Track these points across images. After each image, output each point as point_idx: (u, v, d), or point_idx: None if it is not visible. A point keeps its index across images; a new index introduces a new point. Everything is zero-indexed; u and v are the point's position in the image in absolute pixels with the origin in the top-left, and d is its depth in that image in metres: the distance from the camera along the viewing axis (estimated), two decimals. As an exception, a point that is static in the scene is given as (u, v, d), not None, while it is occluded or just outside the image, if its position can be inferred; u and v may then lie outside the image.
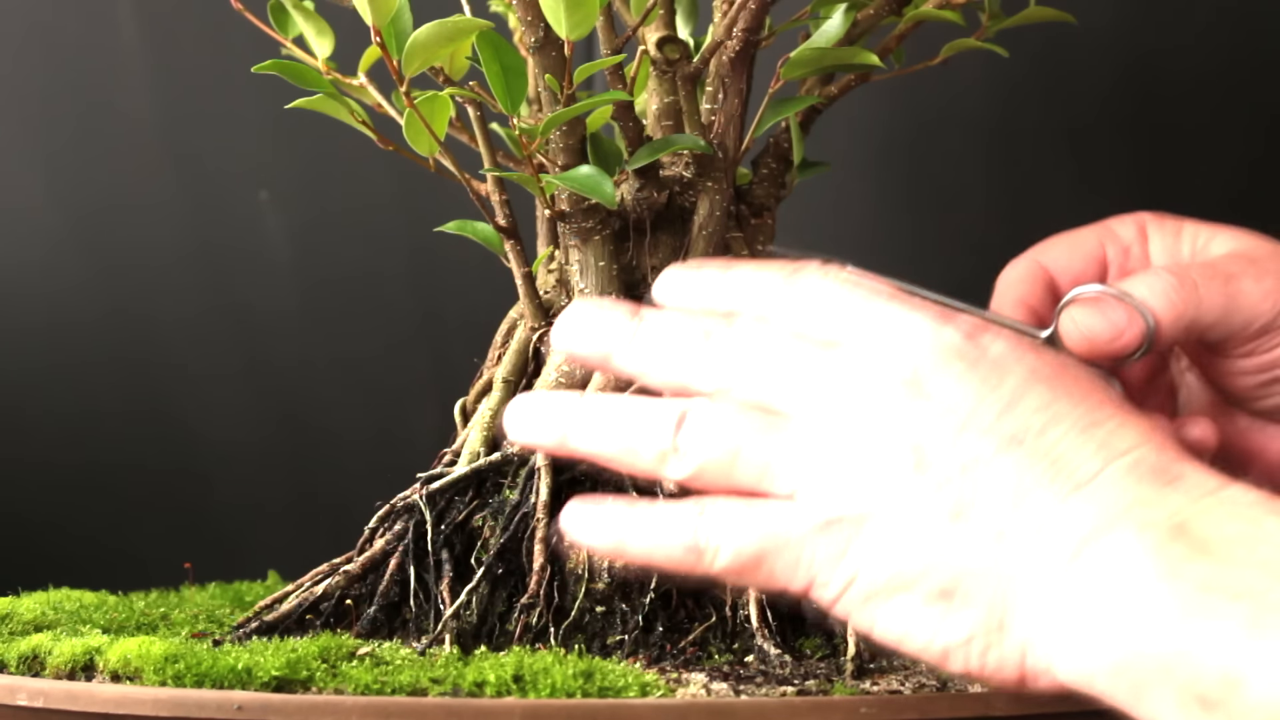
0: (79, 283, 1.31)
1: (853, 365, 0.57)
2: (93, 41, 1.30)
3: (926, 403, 0.56)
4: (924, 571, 0.54)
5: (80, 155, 1.30)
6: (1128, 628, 0.51)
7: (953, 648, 0.55)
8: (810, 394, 0.57)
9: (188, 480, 1.33)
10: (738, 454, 0.57)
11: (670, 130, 0.82)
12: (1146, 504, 0.53)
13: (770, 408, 0.57)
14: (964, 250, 1.28)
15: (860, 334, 0.58)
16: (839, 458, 0.56)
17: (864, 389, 0.56)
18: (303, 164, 1.30)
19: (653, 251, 0.83)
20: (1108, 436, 0.55)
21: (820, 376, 0.57)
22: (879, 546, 0.55)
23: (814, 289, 0.60)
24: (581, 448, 0.60)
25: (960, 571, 0.54)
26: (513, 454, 0.80)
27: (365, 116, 0.80)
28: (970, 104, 1.26)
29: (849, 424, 0.56)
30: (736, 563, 0.57)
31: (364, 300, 1.32)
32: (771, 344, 0.58)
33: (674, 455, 0.58)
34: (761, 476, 0.57)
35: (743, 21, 0.79)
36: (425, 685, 0.66)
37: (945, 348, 0.57)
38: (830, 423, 0.56)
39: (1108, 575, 0.52)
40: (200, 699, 0.65)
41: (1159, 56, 1.26)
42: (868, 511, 0.55)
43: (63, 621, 0.82)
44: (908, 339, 0.57)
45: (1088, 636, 0.52)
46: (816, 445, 0.56)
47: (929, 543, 0.54)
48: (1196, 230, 0.73)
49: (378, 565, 0.80)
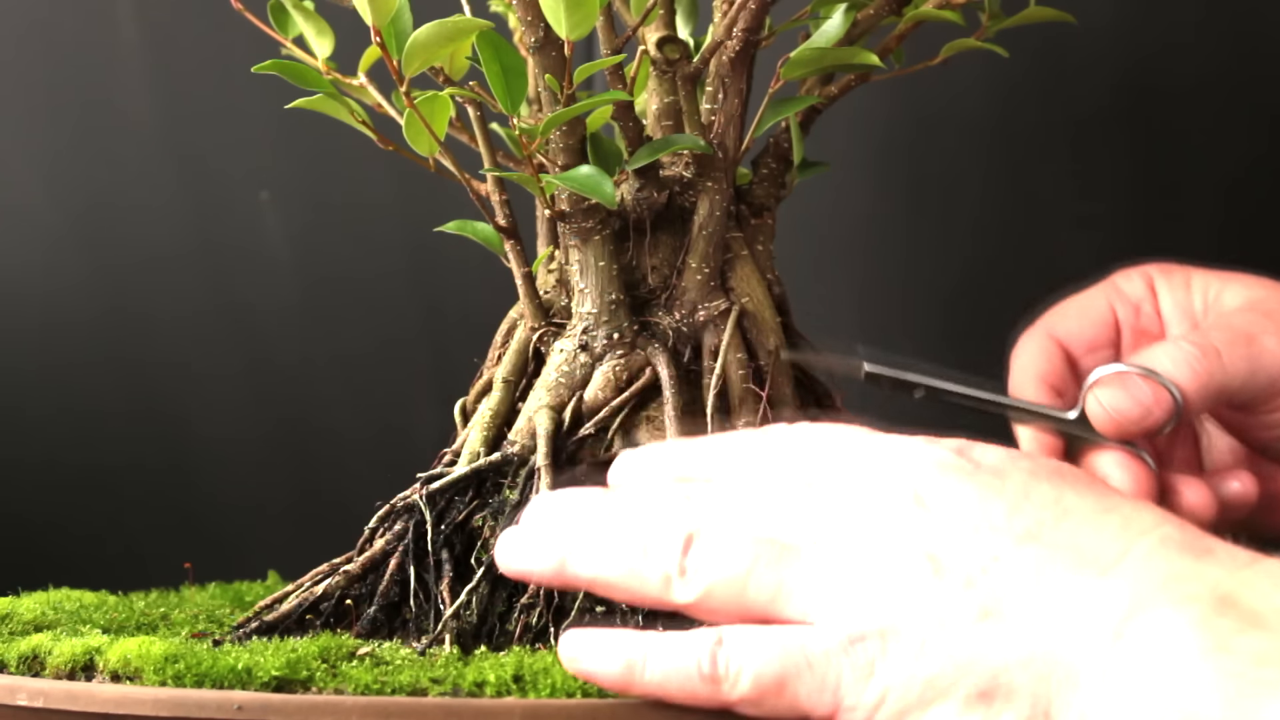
0: (79, 282, 1.31)
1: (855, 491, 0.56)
2: (92, 41, 1.30)
3: (934, 513, 0.55)
4: (959, 676, 0.53)
5: (80, 155, 1.30)
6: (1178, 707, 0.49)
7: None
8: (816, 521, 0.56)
9: (188, 480, 1.33)
10: (750, 575, 0.55)
11: (670, 130, 0.82)
12: (1183, 579, 0.52)
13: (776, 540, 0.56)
14: (964, 250, 1.28)
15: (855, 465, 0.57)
16: (855, 575, 0.54)
17: (870, 509, 0.55)
18: (303, 164, 1.30)
19: (653, 251, 0.83)
20: (1126, 519, 0.54)
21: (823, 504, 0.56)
22: (908, 658, 0.53)
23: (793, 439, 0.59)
24: (583, 572, 0.58)
25: (997, 669, 0.53)
26: (513, 454, 0.80)
27: (365, 116, 0.80)
28: (970, 104, 1.26)
29: (860, 542, 0.55)
30: (758, 689, 0.55)
31: (364, 300, 1.32)
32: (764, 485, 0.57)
33: (681, 578, 0.56)
34: (775, 598, 0.55)
35: (743, 21, 0.79)
36: (425, 685, 0.66)
37: (940, 465, 0.56)
38: (841, 543, 0.55)
39: (1152, 653, 0.50)
40: (200, 699, 0.65)
41: (1158, 56, 1.26)
42: (892, 625, 0.54)
43: (63, 621, 0.82)
44: (903, 462, 0.56)
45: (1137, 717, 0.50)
46: (830, 565, 0.55)
47: (961, 646, 0.53)
48: (1206, 281, 0.72)
49: (378, 565, 0.80)
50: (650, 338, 0.81)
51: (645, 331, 0.82)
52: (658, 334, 0.82)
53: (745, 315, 0.82)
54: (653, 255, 0.83)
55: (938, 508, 0.55)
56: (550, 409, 0.80)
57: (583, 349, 0.81)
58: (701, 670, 0.55)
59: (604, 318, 0.81)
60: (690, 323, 0.82)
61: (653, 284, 0.83)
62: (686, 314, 0.82)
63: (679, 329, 0.82)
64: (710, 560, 0.56)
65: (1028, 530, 0.54)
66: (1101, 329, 0.72)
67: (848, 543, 0.55)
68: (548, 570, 0.59)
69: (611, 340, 0.81)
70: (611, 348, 0.81)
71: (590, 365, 0.81)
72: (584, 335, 0.81)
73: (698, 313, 0.82)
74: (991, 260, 1.28)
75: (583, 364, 0.81)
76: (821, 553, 0.55)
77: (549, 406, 0.80)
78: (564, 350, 0.82)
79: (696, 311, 0.82)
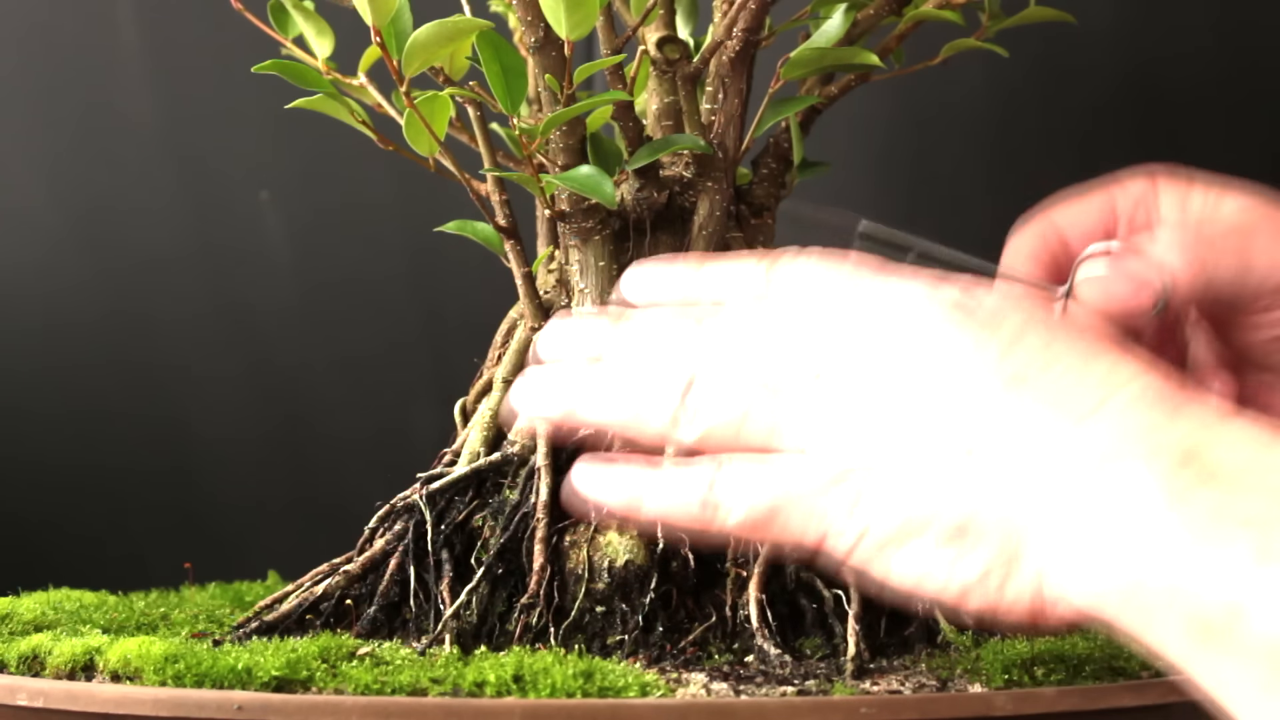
0: (79, 283, 1.31)
1: (853, 329, 0.58)
2: (93, 42, 1.30)
3: (928, 353, 0.57)
4: (936, 512, 0.55)
5: (80, 155, 1.30)
6: (1137, 553, 0.51)
7: (969, 586, 0.55)
8: (814, 360, 0.58)
9: (188, 480, 1.33)
10: (747, 414, 0.58)
11: (670, 130, 0.83)
12: (1155, 430, 0.53)
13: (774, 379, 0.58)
14: (963, 250, 1.28)
15: (855, 303, 0.59)
16: (846, 411, 0.57)
17: (866, 347, 0.57)
18: (303, 164, 1.30)
19: (653, 251, 0.83)
20: (1110, 368, 0.55)
21: (823, 342, 0.58)
22: (891, 493, 0.56)
23: (799, 272, 0.60)
24: (590, 417, 0.61)
25: (972, 509, 0.55)
26: (513, 454, 0.80)
27: (365, 116, 0.80)
28: (970, 104, 1.26)
29: (854, 380, 0.57)
30: (750, 518, 0.57)
31: (364, 300, 1.32)
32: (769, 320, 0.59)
33: (683, 418, 0.59)
34: (771, 434, 0.58)
35: (743, 21, 0.79)
36: (425, 685, 0.66)
37: (941, 304, 0.58)
38: (836, 381, 0.57)
39: (1118, 501, 0.52)
40: (200, 699, 0.65)
41: (1158, 56, 1.26)
42: (878, 460, 0.56)
43: (63, 621, 0.82)
44: (903, 301, 0.58)
45: (1098, 562, 0.52)
46: (824, 401, 0.57)
47: (940, 484, 0.55)
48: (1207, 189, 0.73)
49: (378, 565, 0.80)
50: (650, 338, 0.81)
51: (645, 331, 0.82)
52: (658, 334, 0.82)
53: (745, 315, 0.82)
54: (653, 255, 0.83)
55: (933, 349, 0.57)
56: (550, 409, 0.80)
57: (583, 349, 0.81)
58: (700, 499, 0.58)
59: (604, 318, 0.81)
60: (690, 323, 0.82)
61: (653, 284, 0.83)
62: (686, 314, 0.82)
63: (679, 329, 0.82)
64: (708, 404, 0.58)
65: (1015, 374, 0.55)
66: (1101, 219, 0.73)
67: (843, 380, 0.57)
68: (558, 415, 0.61)
69: (611, 340, 0.81)
70: (611, 348, 0.81)
71: (590, 365, 0.81)
72: (584, 335, 0.81)
73: (698, 313, 0.82)
74: (991, 260, 1.28)
75: (583, 364, 0.81)
76: (817, 389, 0.57)
77: (549, 406, 0.80)
78: (564, 350, 0.82)
79: (696, 311, 0.82)
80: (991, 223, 1.25)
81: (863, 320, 0.58)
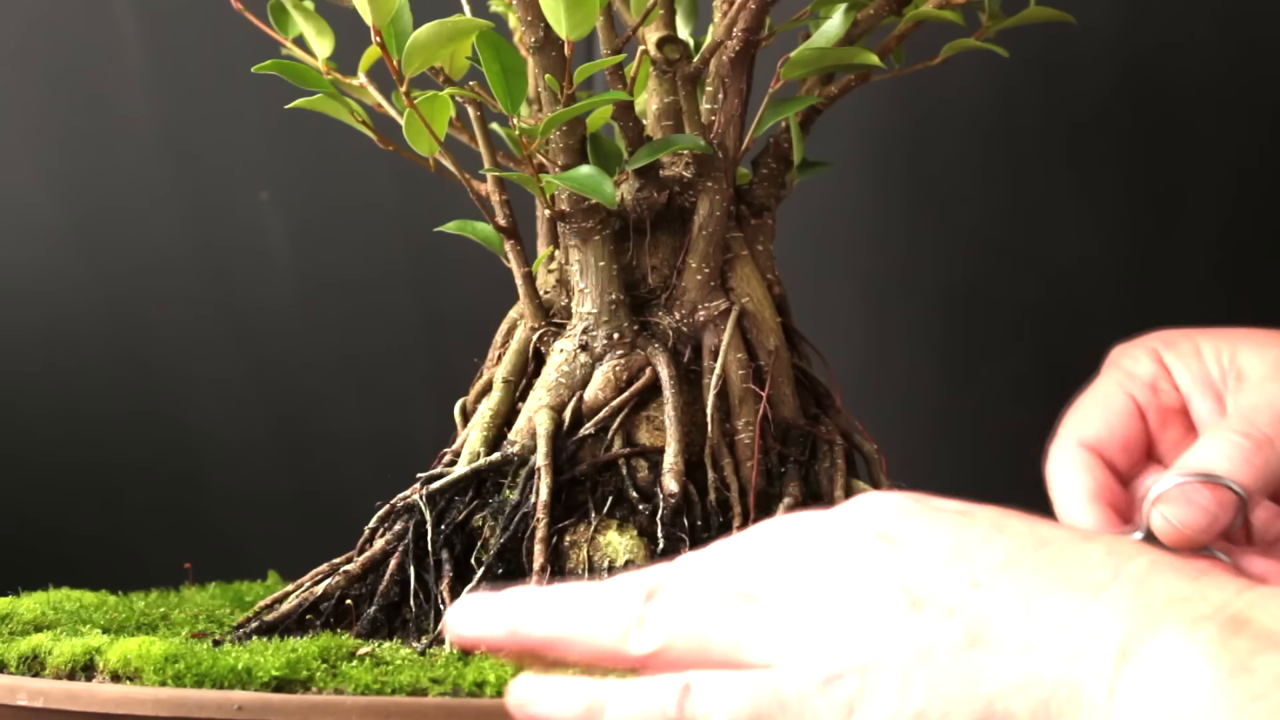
0: (79, 282, 1.31)
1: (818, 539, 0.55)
2: (93, 41, 1.30)
3: (902, 548, 0.53)
4: (951, 707, 0.51)
5: (80, 155, 1.30)
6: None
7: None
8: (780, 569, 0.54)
9: (188, 480, 1.33)
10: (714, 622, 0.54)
11: (670, 130, 0.82)
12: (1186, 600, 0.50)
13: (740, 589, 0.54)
14: (963, 250, 1.28)
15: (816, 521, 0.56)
16: (825, 614, 0.53)
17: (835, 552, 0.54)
18: (303, 164, 1.30)
19: (653, 251, 0.83)
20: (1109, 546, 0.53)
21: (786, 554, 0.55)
22: (892, 693, 0.52)
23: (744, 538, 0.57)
24: (535, 632, 0.56)
25: (992, 696, 0.51)
26: (513, 454, 0.80)
27: (365, 116, 0.80)
28: (970, 104, 1.26)
29: (828, 582, 0.53)
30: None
31: (364, 300, 1.32)
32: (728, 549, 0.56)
33: (639, 629, 0.54)
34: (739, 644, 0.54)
35: (743, 21, 0.79)
36: (425, 685, 0.66)
37: (904, 506, 0.55)
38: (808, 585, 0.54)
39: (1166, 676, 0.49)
40: (200, 699, 0.65)
41: (1158, 56, 1.26)
42: (870, 661, 0.52)
43: (63, 621, 0.82)
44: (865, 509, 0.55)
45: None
46: (798, 606, 0.53)
47: (949, 676, 0.51)
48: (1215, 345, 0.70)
49: (378, 565, 0.80)
50: (650, 338, 0.81)
51: (645, 331, 0.82)
52: (658, 334, 0.82)
53: (745, 315, 0.82)
54: (653, 255, 0.83)
55: (906, 542, 0.54)
56: (550, 409, 0.80)
57: (583, 349, 0.81)
58: (667, 716, 0.53)
59: (604, 318, 0.81)
60: (690, 323, 0.82)
61: (653, 284, 0.83)
62: (686, 314, 0.82)
63: (679, 329, 0.82)
64: (671, 609, 0.54)
65: (1006, 558, 0.53)
66: (1129, 422, 0.70)
67: (815, 583, 0.54)
68: (500, 634, 0.56)
69: (611, 340, 0.81)
70: (611, 348, 0.81)
71: (590, 365, 0.81)
72: (584, 335, 0.81)
73: (698, 313, 0.82)
74: (991, 260, 1.28)
75: (583, 364, 0.81)
76: (788, 595, 0.54)
77: (549, 406, 0.80)
78: (564, 350, 0.82)
79: (696, 311, 0.82)
80: (992, 222, 1.25)
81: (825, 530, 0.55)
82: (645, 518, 0.77)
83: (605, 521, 0.78)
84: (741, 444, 0.81)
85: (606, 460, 0.79)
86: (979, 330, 1.29)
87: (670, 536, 0.77)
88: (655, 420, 0.81)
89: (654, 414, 0.81)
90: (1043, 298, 1.27)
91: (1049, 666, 0.51)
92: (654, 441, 0.80)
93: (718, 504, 0.79)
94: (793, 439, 0.82)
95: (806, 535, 0.55)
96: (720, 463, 0.80)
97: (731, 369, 0.81)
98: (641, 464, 0.80)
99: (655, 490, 0.78)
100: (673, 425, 0.79)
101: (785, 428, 0.82)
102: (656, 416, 0.80)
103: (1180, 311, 1.26)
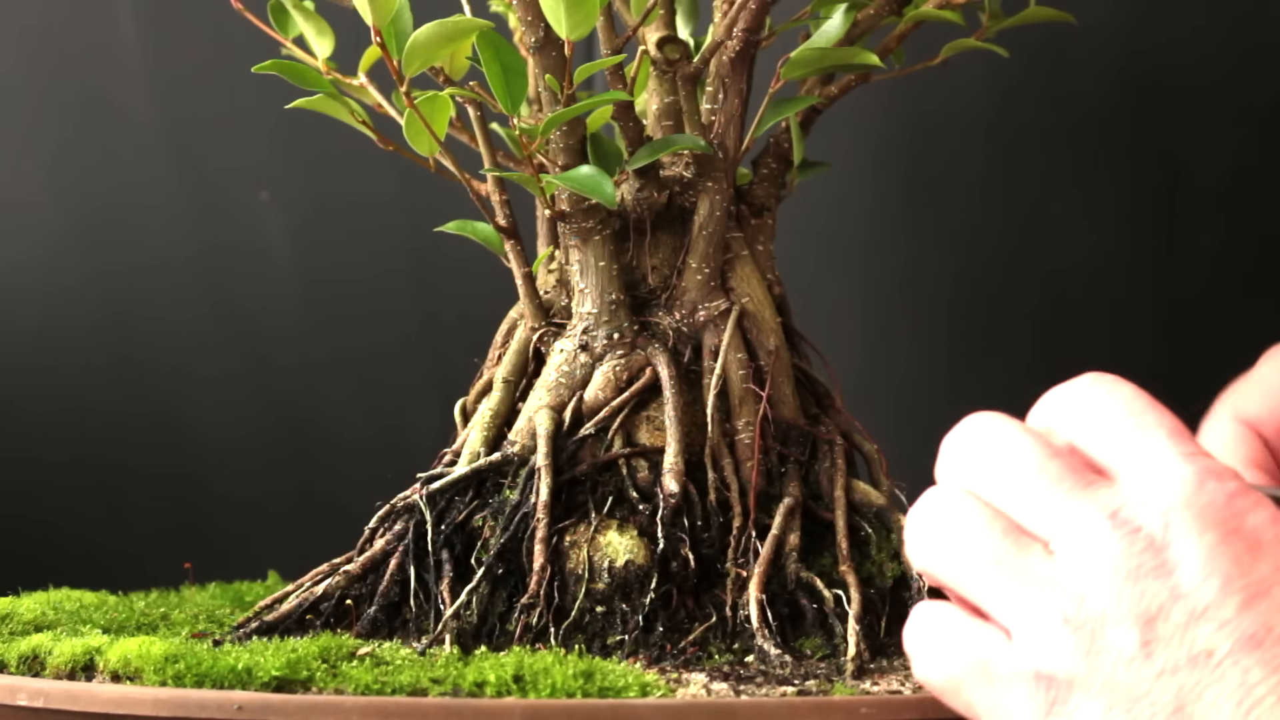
0: (79, 282, 1.31)
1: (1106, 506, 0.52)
2: (92, 41, 1.30)
3: (1169, 576, 0.51)
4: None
5: (80, 155, 1.30)
6: None
7: None
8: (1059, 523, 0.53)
9: (188, 480, 1.33)
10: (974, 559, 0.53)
11: (670, 130, 0.83)
12: None
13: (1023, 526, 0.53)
14: (963, 249, 1.28)
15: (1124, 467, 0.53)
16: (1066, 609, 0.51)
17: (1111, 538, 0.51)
18: (303, 164, 1.30)
19: (653, 251, 0.83)
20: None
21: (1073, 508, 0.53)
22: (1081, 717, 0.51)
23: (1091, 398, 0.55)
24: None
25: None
26: (513, 454, 0.80)
27: (365, 116, 0.80)
28: (970, 104, 1.26)
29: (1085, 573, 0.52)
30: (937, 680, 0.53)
31: (364, 300, 1.32)
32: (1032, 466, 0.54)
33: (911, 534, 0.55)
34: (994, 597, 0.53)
35: (743, 21, 0.79)
36: (425, 685, 0.66)
37: (1202, 509, 0.51)
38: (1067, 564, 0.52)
39: None
40: (200, 699, 0.65)
41: (1157, 55, 1.26)
42: (1080, 679, 0.51)
43: (63, 621, 0.82)
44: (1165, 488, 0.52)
45: None
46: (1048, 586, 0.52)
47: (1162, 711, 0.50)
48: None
49: (378, 565, 0.80)
50: (650, 338, 0.81)
51: (645, 331, 0.82)
52: (658, 334, 0.82)
53: (745, 315, 0.82)
54: (653, 255, 0.83)
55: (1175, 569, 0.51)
56: (550, 409, 0.80)
57: (583, 349, 0.81)
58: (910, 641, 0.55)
59: (604, 318, 0.81)
60: (690, 323, 0.82)
61: (653, 284, 0.83)
62: (686, 314, 0.82)
63: (679, 329, 0.82)
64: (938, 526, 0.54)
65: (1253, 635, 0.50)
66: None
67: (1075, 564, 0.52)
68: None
69: (611, 340, 0.81)
70: (611, 348, 0.81)
71: (590, 365, 0.81)
72: (584, 335, 0.81)
73: (698, 313, 0.82)
74: (991, 260, 1.28)
75: (583, 364, 0.81)
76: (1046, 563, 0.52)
77: (549, 406, 0.80)
78: (564, 350, 0.82)
79: (696, 311, 0.82)
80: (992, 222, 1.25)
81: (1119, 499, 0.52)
82: (645, 518, 0.77)
83: (605, 521, 0.78)
84: (742, 444, 0.81)
85: (606, 460, 0.79)
86: (979, 330, 1.29)
87: (670, 537, 0.77)
88: (655, 420, 0.81)
89: (654, 414, 0.81)
90: (1043, 297, 1.27)
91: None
92: (654, 441, 0.80)
93: (718, 504, 0.79)
94: (793, 439, 0.82)
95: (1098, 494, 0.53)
96: (720, 463, 0.80)
97: (731, 369, 0.81)
98: (642, 464, 0.80)
99: (655, 490, 0.78)
100: (673, 425, 0.79)
101: (785, 428, 0.82)
102: (656, 416, 0.81)
103: (1180, 311, 1.27)
